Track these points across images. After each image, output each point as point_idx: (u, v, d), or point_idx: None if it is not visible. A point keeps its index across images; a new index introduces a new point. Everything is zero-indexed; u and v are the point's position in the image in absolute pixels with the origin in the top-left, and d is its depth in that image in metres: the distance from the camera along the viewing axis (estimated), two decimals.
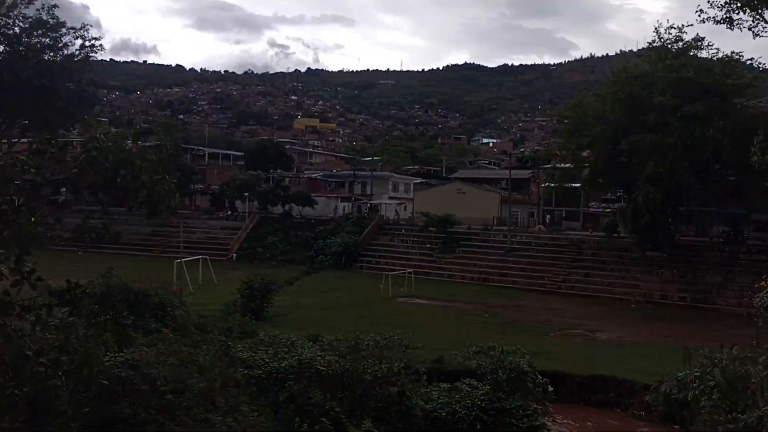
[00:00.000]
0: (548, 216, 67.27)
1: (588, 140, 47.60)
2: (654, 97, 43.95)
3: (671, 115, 43.39)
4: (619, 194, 56.58)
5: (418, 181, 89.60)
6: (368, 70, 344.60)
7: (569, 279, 49.58)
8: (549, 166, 62.61)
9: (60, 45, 71.53)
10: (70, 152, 4.74)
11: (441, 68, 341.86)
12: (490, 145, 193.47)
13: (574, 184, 55.63)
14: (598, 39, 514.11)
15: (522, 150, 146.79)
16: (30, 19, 68.60)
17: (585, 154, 51.49)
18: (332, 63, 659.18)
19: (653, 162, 42.11)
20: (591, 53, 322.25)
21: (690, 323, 36.96)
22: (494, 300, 43.63)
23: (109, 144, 4.50)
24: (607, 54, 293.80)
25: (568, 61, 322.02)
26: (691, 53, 47.23)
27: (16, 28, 68.65)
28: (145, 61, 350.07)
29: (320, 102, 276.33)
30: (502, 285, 50.02)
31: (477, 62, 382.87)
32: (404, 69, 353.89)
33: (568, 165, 54.00)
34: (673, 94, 43.82)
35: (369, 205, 73.62)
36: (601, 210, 64.25)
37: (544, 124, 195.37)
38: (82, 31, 72.30)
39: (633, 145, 43.53)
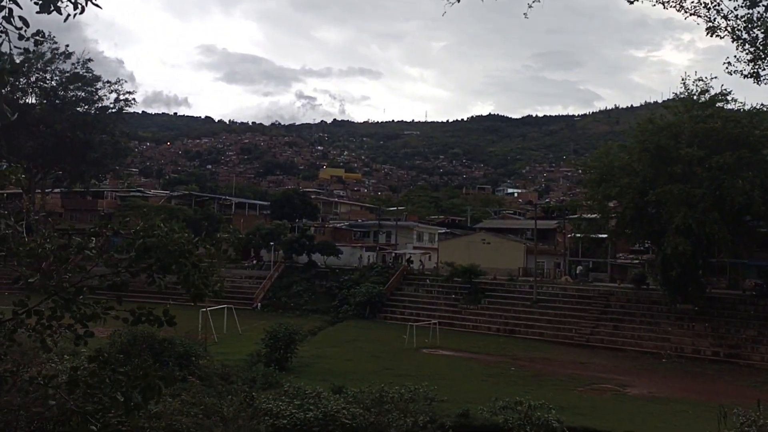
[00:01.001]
0: (575, 267, 66.41)
1: (615, 191, 47.27)
2: (681, 147, 43.72)
3: (699, 166, 43.05)
4: (647, 245, 55.77)
5: (443, 230, 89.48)
6: (393, 120, 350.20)
7: (597, 331, 48.57)
8: (575, 216, 62.12)
9: (95, 98, 73.84)
10: (126, 234, 4.98)
11: (466, 119, 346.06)
12: (515, 195, 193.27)
13: (600, 235, 55.01)
14: (623, 90, 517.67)
15: (547, 200, 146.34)
16: (67, 74, 71.15)
17: (612, 204, 51.08)
18: (358, 114, 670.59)
19: (682, 213, 41.60)
20: (616, 104, 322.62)
21: (724, 379, 35.82)
22: (520, 352, 42.81)
23: (169, 232, 4.76)
24: (632, 105, 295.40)
25: (593, 112, 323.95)
26: (718, 105, 47.11)
27: (52, 82, 71.18)
28: (175, 113, 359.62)
29: (346, 152, 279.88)
30: (528, 337, 49.16)
31: (501, 113, 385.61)
32: (429, 120, 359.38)
33: (594, 215, 53.54)
34: (701, 144, 43.57)
35: (393, 254, 73.53)
36: (629, 261, 63.28)
37: (569, 174, 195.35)
38: (116, 85, 74.84)
39: (661, 195, 43.12)
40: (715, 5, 12.46)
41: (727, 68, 14.03)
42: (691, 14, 12.70)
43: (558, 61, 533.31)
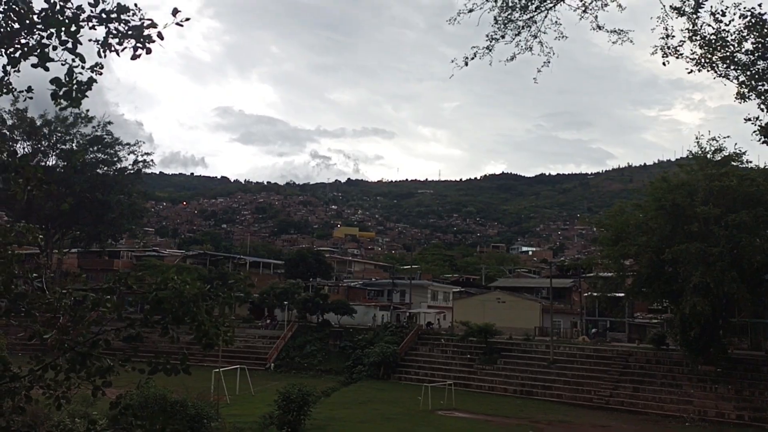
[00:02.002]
0: (592, 326, 65.36)
1: (633, 249, 46.89)
2: (696, 206, 43.58)
3: (716, 224, 42.78)
4: (665, 304, 54.93)
5: (457, 289, 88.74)
6: (407, 179, 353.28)
7: (617, 393, 47.38)
8: (591, 274, 61.51)
9: (114, 160, 75.27)
10: (139, 290, 5.11)
11: (479, 177, 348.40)
12: (530, 253, 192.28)
13: (617, 294, 54.31)
14: (635, 149, 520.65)
15: (562, 258, 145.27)
16: (87, 136, 72.85)
17: (628, 262, 50.62)
18: (372, 173, 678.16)
19: (700, 272, 41.11)
20: (629, 162, 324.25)
21: None
22: (539, 415, 41.77)
23: (184, 285, 4.90)
24: (644, 163, 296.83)
25: (606, 171, 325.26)
26: (733, 163, 47.17)
27: (73, 145, 72.82)
28: (192, 173, 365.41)
29: (360, 211, 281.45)
30: (546, 399, 48.04)
31: (514, 171, 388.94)
32: (442, 178, 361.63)
33: (610, 274, 53.01)
34: (716, 203, 43.42)
35: (408, 314, 72.89)
36: (647, 321, 62.23)
37: (583, 232, 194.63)
38: (135, 147, 76.32)
39: (678, 254, 42.72)
40: (747, 67, 12.51)
41: (741, 124, 14.08)
42: (721, 76, 12.77)
43: (569, 120, 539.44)
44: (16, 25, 4.60)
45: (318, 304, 66.84)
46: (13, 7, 4.59)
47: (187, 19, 5.02)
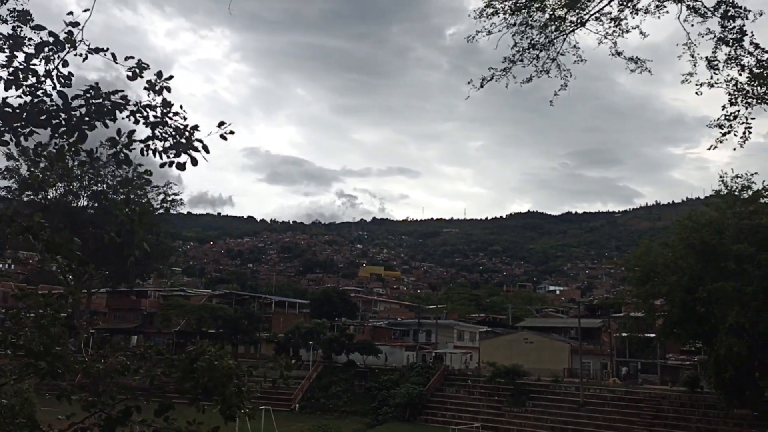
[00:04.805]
0: (623, 368, 63.85)
1: (665, 289, 45.94)
2: (726, 244, 42.75)
3: (749, 263, 41.84)
4: (698, 346, 53.56)
5: (484, 329, 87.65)
6: (432, 218, 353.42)
7: None
8: (620, 314, 60.36)
9: (143, 200, 76.57)
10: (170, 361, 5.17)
11: (504, 216, 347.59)
12: (557, 292, 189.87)
13: (648, 335, 53.14)
14: (663, 187, 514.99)
15: (591, 298, 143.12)
16: (118, 178, 74.32)
17: (658, 302, 49.60)
18: (397, 212, 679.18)
19: (735, 311, 40.09)
20: (657, 201, 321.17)
21: None
22: None
23: (219, 361, 4.96)
24: (673, 201, 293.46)
25: (634, 209, 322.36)
26: (763, 200, 46.34)
27: (104, 185, 74.31)
28: (219, 213, 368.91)
29: (385, 250, 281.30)
30: None
31: (540, 210, 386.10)
32: (468, 217, 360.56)
33: (640, 314, 51.95)
34: (747, 241, 42.55)
35: (434, 354, 72.05)
36: (680, 363, 60.65)
37: (612, 271, 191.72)
38: (164, 188, 77.59)
39: (711, 293, 41.75)
40: None
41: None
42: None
43: (595, 158, 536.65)
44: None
45: (343, 343, 66.45)
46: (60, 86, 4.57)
47: (232, 132, 4.91)
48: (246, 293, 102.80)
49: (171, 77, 4.74)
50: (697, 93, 12.68)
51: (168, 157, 4.88)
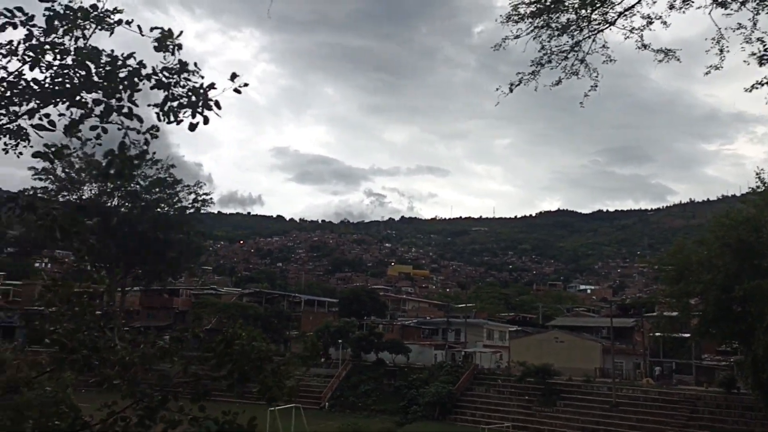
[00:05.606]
0: (656, 368, 62.81)
1: (699, 287, 45.06)
2: (762, 241, 41.77)
3: None
4: (735, 346, 52.44)
5: (514, 328, 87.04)
6: (461, 217, 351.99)
7: None
8: (654, 314, 59.38)
9: (175, 200, 77.57)
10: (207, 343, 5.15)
11: (534, 215, 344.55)
12: (588, 291, 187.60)
13: (683, 334, 52.20)
14: (697, 184, 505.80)
15: (623, 297, 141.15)
16: (150, 178, 75.41)
17: (693, 301, 48.68)
18: (426, 211, 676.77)
19: None
20: (691, 198, 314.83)
21: None
22: None
23: (253, 345, 4.94)
24: (707, 199, 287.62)
25: (667, 206, 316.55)
26: None
27: (137, 186, 75.42)
28: (249, 213, 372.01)
29: (414, 249, 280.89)
30: None
31: (570, 208, 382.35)
32: (497, 216, 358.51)
33: (674, 313, 51.05)
34: None
35: (463, 353, 71.76)
36: (715, 363, 59.45)
37: (644, 270, 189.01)
38: (195, 188, 78.54)
39: (748, 292, 40.82)
40: None
41: None
42: None
43: (626, 155, 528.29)
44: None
45: (372, 342, 66.54)
46: (82, 60, 4.56)
47: (246, 84, 4.70)
48: (276, 292, 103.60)
49: (181, 33, 4.62)
50: (746, 90, 12.42)
51: (183, 117, 4.75)
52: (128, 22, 4.59)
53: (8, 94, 4.52)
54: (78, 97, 4.54)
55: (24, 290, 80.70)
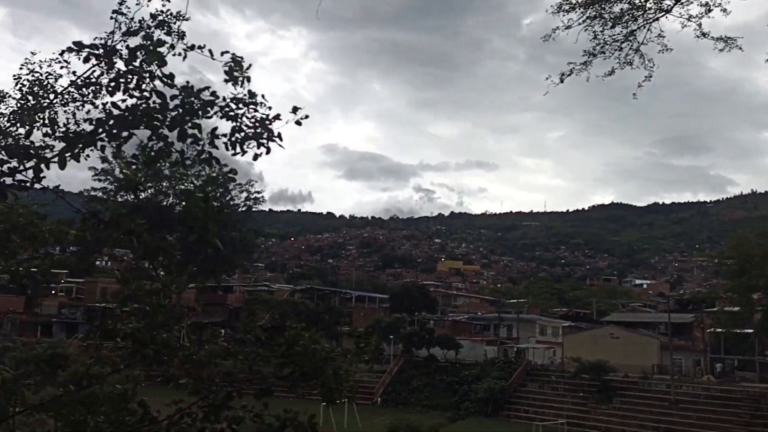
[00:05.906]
0: (717, 365, 60.91)
1: (761, 281, 43.58)
2: None
3: None
4: None
5: (567, 324, 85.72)
6: (511, 212, 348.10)
7: None
8: (714, 309, 57.64)
9: (228, 198, 79.13)
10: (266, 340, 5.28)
11: (586, 208, 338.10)
12: (644, 286, 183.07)
13: (745, 330, 50.52)
14: (759, 174, 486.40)
15: (681, 292, 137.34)
16: (203, 177, 77.08)
17: (756, 296, 47.08)
18: (476, 206, 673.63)
19: None
20: (752, 189, 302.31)
21: None
22: None
23: (316, 348, 5.05)
24: None
25: (727, 198, 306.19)
26: None
27: (190, 185, 77.20)
28: (299, 210, 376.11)
29: (464, 244, 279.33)
30: None
31: (624, 201, 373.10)
32: (548, 210, 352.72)
33: (736, 308, 49.45)
34: None
35: (515, 349, 71.07)
36: None
37: (704, 264, 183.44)
38: (247, 186, 79.90)
39: None
40: None
41: None
42: None
43: (683, 146, 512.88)
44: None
45: (423, 338, 66.54)
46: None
47: (306, 117, 4.71)
48: (327, 288, 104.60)
49: (250, 66, 4.62)
50: None
51: (248, 148, 4.81)
52: (200, 47, 4.65)
53: (99, 129, 4.62)
54: (159, 131, 4.65)
55: (86, 287, 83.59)
